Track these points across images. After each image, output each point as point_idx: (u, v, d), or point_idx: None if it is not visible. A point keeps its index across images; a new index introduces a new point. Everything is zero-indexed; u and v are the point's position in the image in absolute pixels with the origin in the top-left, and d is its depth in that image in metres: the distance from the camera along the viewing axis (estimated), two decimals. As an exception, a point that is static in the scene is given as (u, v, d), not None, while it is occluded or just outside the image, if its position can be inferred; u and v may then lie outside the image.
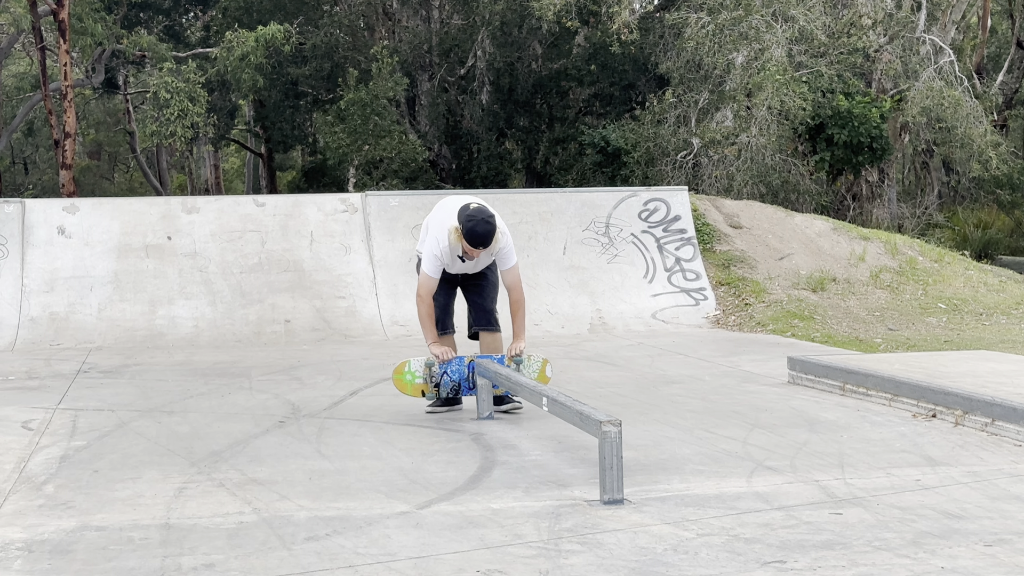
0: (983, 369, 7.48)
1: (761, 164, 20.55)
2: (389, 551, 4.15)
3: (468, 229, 6.45)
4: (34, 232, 11.86)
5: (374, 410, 7.13)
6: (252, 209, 12.46)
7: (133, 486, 5.19)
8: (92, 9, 24.26)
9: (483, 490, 5.05)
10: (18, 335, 10.97)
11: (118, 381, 8.59)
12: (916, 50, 22.83)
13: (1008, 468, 5.35)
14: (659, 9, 25.64)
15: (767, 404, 7.20)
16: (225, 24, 26.58)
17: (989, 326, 11.89)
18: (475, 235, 6.47)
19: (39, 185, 36.62)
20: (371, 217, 12.43)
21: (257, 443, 6.15)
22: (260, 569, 3.96)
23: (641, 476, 5.23)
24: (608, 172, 22.24)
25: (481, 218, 6.48)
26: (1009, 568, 3.86)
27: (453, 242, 6.55)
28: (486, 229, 6.48)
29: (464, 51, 26.33)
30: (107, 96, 33.64)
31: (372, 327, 11.50)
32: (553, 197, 13.16)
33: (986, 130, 22.27)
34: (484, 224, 6.46)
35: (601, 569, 3.91)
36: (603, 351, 10.04)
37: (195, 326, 11.32)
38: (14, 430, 6.59)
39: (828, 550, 4.09)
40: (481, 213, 6.51)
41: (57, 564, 4.06)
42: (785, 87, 19.95)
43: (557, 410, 5.40)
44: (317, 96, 27.75)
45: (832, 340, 10.84)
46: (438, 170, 26.16)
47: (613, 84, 25.82)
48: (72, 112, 23.45)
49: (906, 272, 13.51)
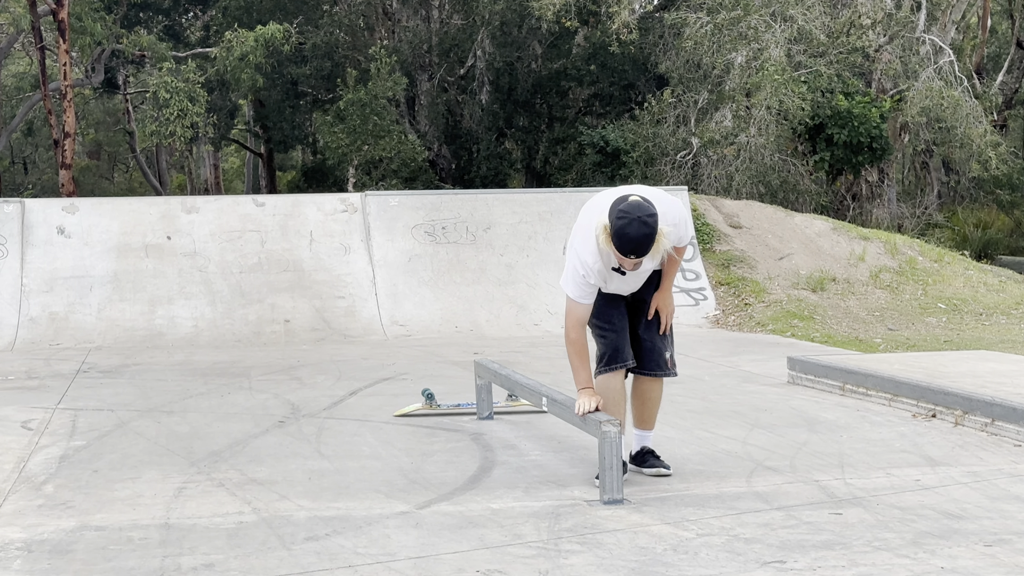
0: (983, 369, 7.48)
1: (760, 164, 20.55)
2: (389, 551, 4.15)
3: (617, 229, 4.76)
4: (34, 232, 11.85)
5: (374, 410, 7.13)
6: (252, 209, 12.45)
7: (133, 486, 5.19)
8: (92, 9, 24.24)
9: (483, 490, 5.04)
10: (18, 335, 10.97)
11: (118, 381, 8.59)
12: (916, 50, 22.82)
13: (1008, 468, 5.35)
14: (659, 9, 25.65)
15: (767, 404, 7.20)
16: (225, 24, 26.58)
17: (989, 326, 11.89)
18: (625, 239, 4.75)
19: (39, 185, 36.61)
20: (371, 217, 12.43)
21: (257, 443, 6.14)
22: (260, 569, 3.96)
23: (641, 476, 5.23)
24: (608, 172, 22.24)
25: (636, 216, 4.76)
26: (1009, 568, 3.86)
27: (603, 245, 4.87)
28: (642, 232, 4.75)
29: (464, 51, 26.34)
30: (107, 96, 33.63)
31: (372, 327, 11.49)
32: (553, 197, 13.15)
33: (986, 130, 22.26)
34: (640, 225, 4.74)
35: (601, 569, 3.91)
36: (603, 351, 10.02)
37: (195, 326, 11.32)
38: (14, 430, 6.59)
39: (828, 550, 4.09)
40: (638, 210, 4.79)
41: (57, 564, 4.06)
42: (784, 87, 19.94)
43: (557, 410, 5.40)
44: (317, 96, 27.76)
45: (832, 340, 10.84)
46: (437, 170, 26.16)
47: (613, 84, 25.82)
48: (71, 112, 23.45)
49: (906, 272, 13.51)
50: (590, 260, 4.97)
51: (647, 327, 5.23)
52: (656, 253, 4.85)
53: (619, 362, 5.13)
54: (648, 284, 5.24)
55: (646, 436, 5.36)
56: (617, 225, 4.76)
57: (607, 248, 4.85)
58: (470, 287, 12.05)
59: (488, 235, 12.45)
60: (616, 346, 5.13)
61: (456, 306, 11.84)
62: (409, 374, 8.74)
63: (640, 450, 5.35)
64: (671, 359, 5.28)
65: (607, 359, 5.13)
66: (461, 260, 12.26)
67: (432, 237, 12.37)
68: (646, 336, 5.22)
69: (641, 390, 5.29)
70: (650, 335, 5.23)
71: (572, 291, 5.03)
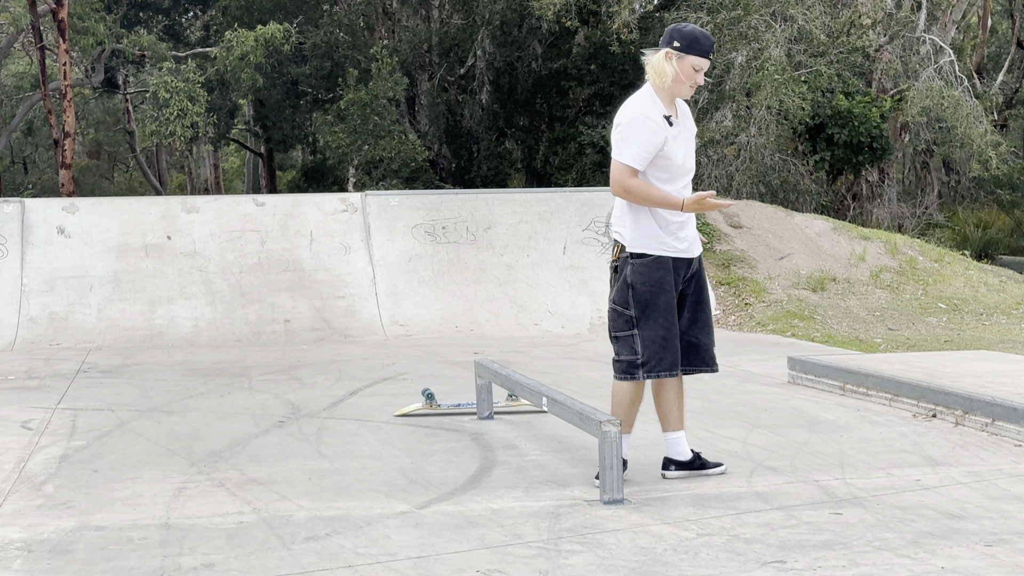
0: (983, 369, 7.48)
1: (760, 164, 20.55)
2: (389, 551, 4.15)
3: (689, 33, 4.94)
4: (34, 232, 11.85)
5: (373, 410, 7.12)
6: (252, 209, 12.45)
7: (133, 486, 5.18)
8: (92, 9, 24.24)
9: (483, 490, 5.04)
10: (17, 335, 10.97)
11: (117, 381, 8.59)
12: (916, 50, 22.83)
13: (1008, 468, 5.35)
14: (659, 9, 25.63)
15: (767, 404, 7.20)
16: (225, 24, 26.57)
17: (989, 326, 11.89)
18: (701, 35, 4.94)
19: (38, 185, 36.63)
20: (371, 217, 12.42)
21: (257, 443, 6.14)
22: (260, 569, 3.96)
23: (641, 476, 5.23)
24: (608, 172, 22.18)
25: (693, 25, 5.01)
26: (1009, 568, 3.86)
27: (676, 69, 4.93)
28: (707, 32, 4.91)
29: (464, 51, 26.33)
30: (107, 96, 33.64)
31: (372, 327, 11.49)
32: (553, 197, 13.15)
33: (986, 130, 22.26)
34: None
35: (601, 569, 3.91)
36: (603, 351, 10.02)
37: (195, 326, 11.32)
38: (13, 430, 6.59)
39: (828, 550, 4.09)
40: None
41: (56, 564, 4.06)
42: (784, 87, 19.94)
43: (557, 410, 5.40)
44: (317, 96, 27.74)
45: (832, 340, 10.84)
46: (438, 170, 26.15)
47: (613, 84, 25.80)
48: (71, 112, 23.44)
49: (906, 272, 13.50)
50: (654, 112, 4.93)
51: (705, 326, 5.17)
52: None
53: (676, 369, 5.04)
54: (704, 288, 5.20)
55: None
56: (687, 32, 4.89)
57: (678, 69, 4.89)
58: (470, 287, 12.05)
59: (488, 235, 12.44)
60: (677, 353, 5.03)
61: (456, 306, 11.84)
62: (409, 374, 8.74)
63: (696, 453, 5.28)
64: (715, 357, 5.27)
65: (669, 364, 4.99)
66: (461, 260, 12.25)
67: (432, 237, 12.37)
68: (701, 336, 5.15)
69: (679, 389, 5.19)
70: (706, 333, 5.17)
71: (634, 154, 4.87)
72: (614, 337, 5.09)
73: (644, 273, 4.97)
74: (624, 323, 5.03)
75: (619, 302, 5.03)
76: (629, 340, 5.02)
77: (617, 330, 5.06)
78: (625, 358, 5.03)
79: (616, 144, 4.98)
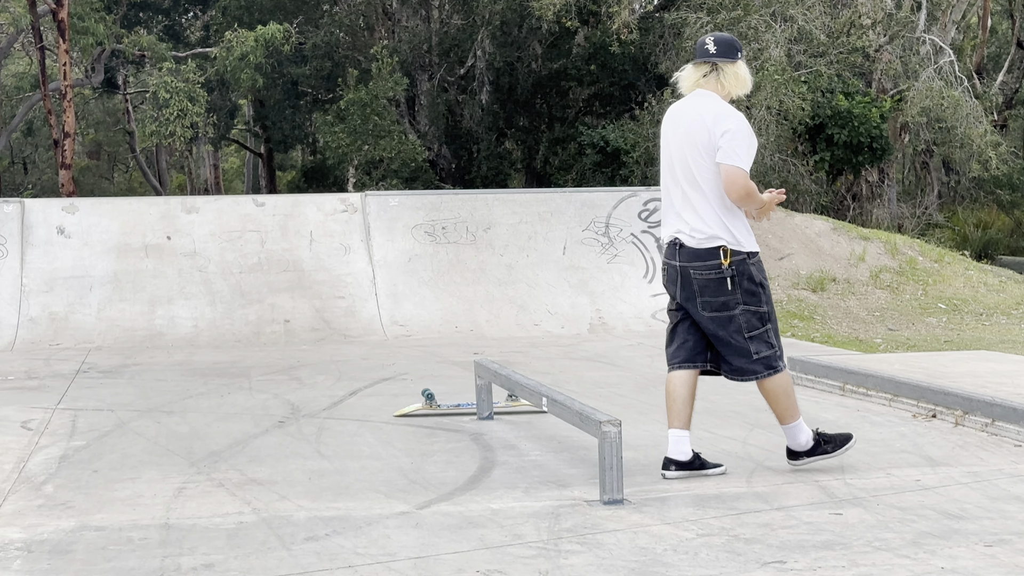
0: (983, 369, 7.48)
1: (760, 164, 20.55)
2: (389, 551, 4.15)
3: (734, 39, 5.35)
4: (33, 232, 11.85)
5: (373, 410, 7.12)
6: (252, 209, 12.45)
7: (132, 486, 5.18)
8: (92, 9, 24.25)
9: (483, 490, 5.04)
10: (17, 335, 10.97)
11: (117, 381, 8.59)
12: (916, 50, 22.84)
13: (1008, 468, 5.35)
14: (659, 9, 25.65)
15: (767, 404, 7.18)
16: (225, 24, 26.58)
17: (989, 326, 11.89)
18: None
19: (38, 185, 36.63)
20: (371, 217, 12.42)
21: (257, 443, 6.14)
22: (260, 569, 3.96)
23: (641, 476, 5.23)
24: (608, 172, 22.23)
25: None
26: (1009, 568, 3.86)
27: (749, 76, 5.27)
28: None
29: (464, 51, 26.33)
30: (106, 96, 33.64)
31: (372, 327, 11.49)
32: (553, 197, 13.14)
33: (986, 130, 22.28)
34: None
35: (601, 569, 3.91)
36: (603, 351, 10.03)
37: (194, 326, 11.32)
38: (13, 430, 6.59)
39: (828, 550, 4.09)
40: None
41: (56, 564, 4.06)
42: (784, 87, 19.95)
43: (557, 410, 5.40)
44: (317, 96, 27.75)
45: (832, 340, 10.84)
46: (438, 170, 26.16)
47: (613, 84, 25.82)
48: (71, 112, 23.45)
49: (906, 272, 13.51)
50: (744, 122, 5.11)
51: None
52: None
53: (694, 364, 5.26)
54: None
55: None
56: (735, 40, 5.21)
57: (749, 78, 5.18)
58: (470, 287, 12.04)
59: (488, 235, 12.44)
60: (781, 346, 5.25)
61: (456, 306, 11.84)
62: (409, 374, 8.74)
63: (696, 453, 5.32)
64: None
65: (780, 355, 5.20)
66: (461, 260, 12.25)
67: (432, 237, 12.36)
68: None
69: (695, 388, 5.34)
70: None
71: (748, 159, 5.04)
72: (748, 338, 5.14)
73: (762, 269, 5.23)
74: (758, 320, 5.16)
75: (751, 303, 5.13)
76: (764, 335, 5.17)
77: (751, 330, 5.14)
78: (766, 353, 5.17)
79: (731, 149, 5.03)
